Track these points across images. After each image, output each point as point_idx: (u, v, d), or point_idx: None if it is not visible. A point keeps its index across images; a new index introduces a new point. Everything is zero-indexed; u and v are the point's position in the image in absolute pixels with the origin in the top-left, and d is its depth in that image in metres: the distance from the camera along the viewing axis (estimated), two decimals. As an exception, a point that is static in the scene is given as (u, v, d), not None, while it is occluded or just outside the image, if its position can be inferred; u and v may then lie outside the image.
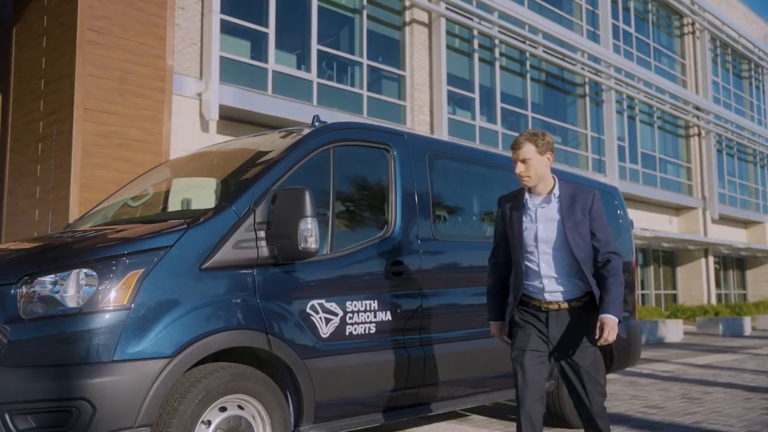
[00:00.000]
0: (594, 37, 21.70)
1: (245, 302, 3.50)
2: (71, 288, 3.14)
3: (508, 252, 3.63)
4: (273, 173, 3.78)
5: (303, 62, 14.27)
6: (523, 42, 18.66)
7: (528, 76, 19.39)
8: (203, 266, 3.41)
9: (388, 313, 4.19)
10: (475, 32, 17.58)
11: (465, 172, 5.11)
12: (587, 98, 21.19)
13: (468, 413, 6.28)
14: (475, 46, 17.70)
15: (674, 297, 25.65)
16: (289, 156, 3.91)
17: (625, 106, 22.72)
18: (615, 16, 22.59)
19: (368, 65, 15.29)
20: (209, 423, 3.32)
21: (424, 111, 16.27)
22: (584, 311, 3.49)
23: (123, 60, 6.61)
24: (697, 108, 25.62)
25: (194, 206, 4.36)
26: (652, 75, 23.37)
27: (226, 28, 12.54)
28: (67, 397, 2.97)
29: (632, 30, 23.64)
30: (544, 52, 19.14)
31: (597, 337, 3.41)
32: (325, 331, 3.85)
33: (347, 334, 3.96)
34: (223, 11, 12.30)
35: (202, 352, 3.30)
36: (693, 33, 26.56)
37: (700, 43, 26.58)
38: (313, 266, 3.82)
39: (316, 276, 3.86)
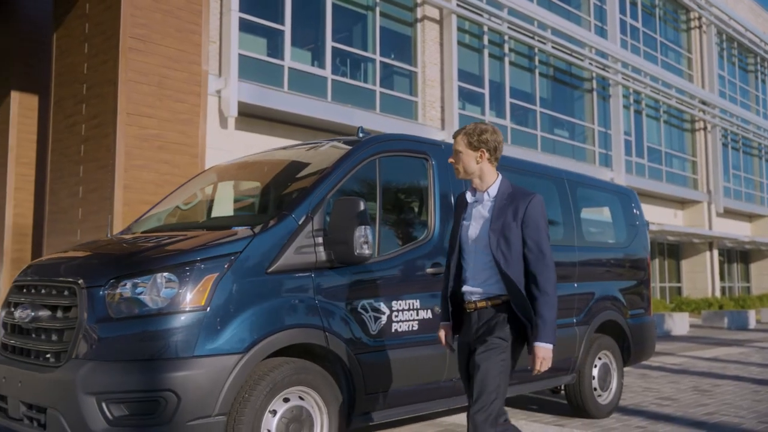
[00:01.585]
0: (601, 32, 21.93)
1: (305, 303, 3.84)
2: (154, 290, 3.46)
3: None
4: (327, 183, 4.10)
5: (318, 59, 14.53)
6: (532, 38, 18.91)
7: (536, 71, 19.64)
8: (269, 270, 3.73)
9: (429, 311, 4.52)
10: (485, 28, 17.84)
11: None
12: (594, 93, 21.44)
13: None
14: (485, 42, 17.96)
15: (679, 290, 25.99)
16: (340, 167, 4.22)
17: (631, 101, 22.97)
18: (622, 11, 22.81)
19: (381, 61, 15.55)
20: (275, 412, 3.66)
21: (435, 107, 16.54)
22: (500, 311, 3.28)
23: (162, 66, 6.90)
24: (703, 102, 25.86)
25: (253, 213, 4.68)
26: (658, 70, 23.61)
27: (244, 26, 12.79)
28: (155, 388, 3.30)
29: (639, 25, 23.86)
30: (552, 47, 19.39)
31: (530, 367, 3.25)
32: (374, 328, 4.18)
33: (393, 331, 4.29)
34: (241, 9, 12.56)
35: (270, 348, 3.63)
36: (699, 27, 26.76)
37: (707, 38, 26.78)
38: (363, 269, 4.14)
39: (366, 278, 4.18)
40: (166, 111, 6.89)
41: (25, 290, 4.02)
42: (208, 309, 3.48)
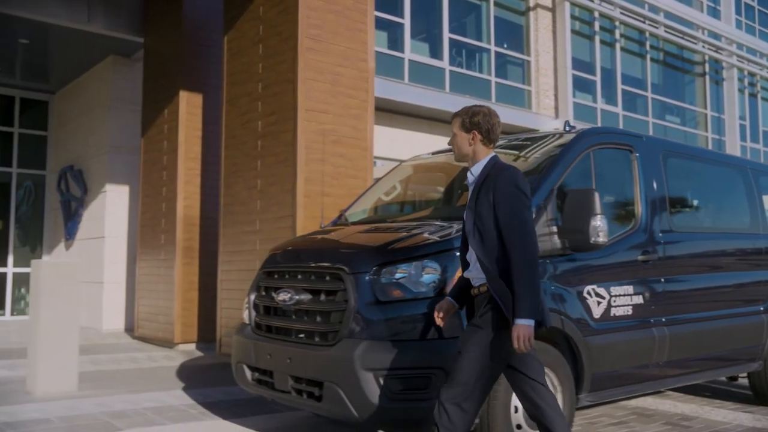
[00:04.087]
0: (714, 13, 21.22)
1: (544, 288, 4.06)
2: (419, 276, 3.77)
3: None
4: (554, 175, 4.32)
5: (436, 51, 14.76)
6: (643, 22, 18.53)
7: (648, 56, 19.23)
8: (511, 256, 3.97)
9: (640, 296, 4.69)
10: (596, 14, 17.62)
11: (691, 169, 5.55)
12: (707, 77, 20.80)
13: (666, 391, 6.69)
14: (596, 28, 17.73)
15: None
16: (562, 159, 4.43)
17: (746, 84, 22.15)
18: (736, -11, 22.01)
19: (495, 51, 15.64)
20: (519, 389, 3.91)
21: (548, 95, 16.50)
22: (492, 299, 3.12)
23: (334, 64, 7.26)
24: (822, 83, 24.63)
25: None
26: (775, 50, 22.66)
27: (368, 21, 13.16)
28: (428, 365, 3.62)
29: (754, 3, 22.92)
30: (664, 31, 18.94)
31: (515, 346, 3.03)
32: (596, 312, 4.38)
33: (611, 315, 4.48)
34: (366, 5, 12.93)
35: (519, 330, 3.87)
36: (818, 4, 25.45)
37: (826, 14, 25.45)
38: (587, 256, 4.34)
39: (590, 264, 4.39)
40: (339, 107, 7.25)
41: (276, 276, 4.40)
42: None
